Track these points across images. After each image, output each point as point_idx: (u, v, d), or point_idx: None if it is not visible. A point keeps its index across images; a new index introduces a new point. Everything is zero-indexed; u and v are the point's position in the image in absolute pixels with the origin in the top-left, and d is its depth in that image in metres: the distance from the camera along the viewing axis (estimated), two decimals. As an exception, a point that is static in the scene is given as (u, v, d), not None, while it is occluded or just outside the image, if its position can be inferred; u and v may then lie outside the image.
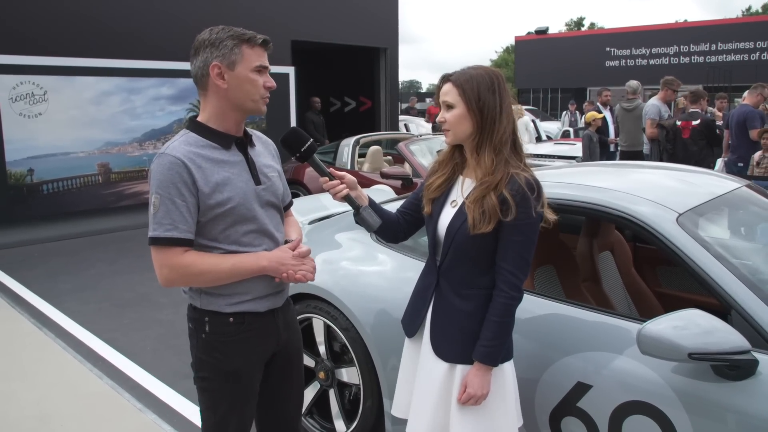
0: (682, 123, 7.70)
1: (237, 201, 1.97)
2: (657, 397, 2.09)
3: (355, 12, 13.33)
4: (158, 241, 1.89)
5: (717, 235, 2.57)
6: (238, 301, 2.01)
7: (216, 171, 1.95)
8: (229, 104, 1.98)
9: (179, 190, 1.88)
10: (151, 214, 1.90)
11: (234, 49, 1.93)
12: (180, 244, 1.90)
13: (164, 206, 1.88)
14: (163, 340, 4.66)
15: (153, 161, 1.94)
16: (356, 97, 15.50)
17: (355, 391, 3.07)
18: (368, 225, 2.19)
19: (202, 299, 2.02)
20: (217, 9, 10.33)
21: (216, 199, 1.93)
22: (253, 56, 1.96)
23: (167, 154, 1.91)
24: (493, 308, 2.03)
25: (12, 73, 7.76)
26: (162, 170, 1.89)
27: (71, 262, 6.95)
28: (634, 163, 4.74)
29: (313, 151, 2.10)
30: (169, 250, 1.89)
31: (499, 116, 2.03)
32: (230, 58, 1.93)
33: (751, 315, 2.05)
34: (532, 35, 33.21)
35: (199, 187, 1.91)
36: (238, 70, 1.94)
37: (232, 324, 2.02)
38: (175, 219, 1.88)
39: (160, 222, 1.88)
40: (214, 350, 2.03)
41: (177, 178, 1.88)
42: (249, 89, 1.97)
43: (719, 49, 26.04)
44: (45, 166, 8.17)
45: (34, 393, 3.79)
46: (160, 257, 1.91)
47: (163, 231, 1.88)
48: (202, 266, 1.92)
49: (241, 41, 1.94)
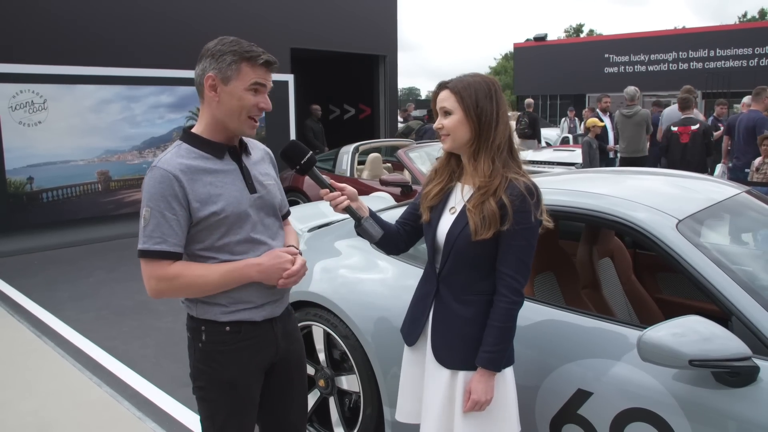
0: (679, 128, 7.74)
1: (230, 210, 1.96)
2: (658, 405, 2.08)
3: (355, 20, 13.38)
4: (147, 254, 1.90)
5: (717, 241, 2.57)
6: (234, 310, 2.00)
7: (208, 181, 1.94)
8: (216, 118, 1.98)
9: (170, 203, 1.89)
10: (141, 226, 1.91)
11: (232, 65, 1.91)
12: (168, 257, 1.91)
13: (154, 219, 1.89)
14: (163, 348, 4.65)
15: (146, 173, 1.94)
16: (355, 105, 15.54)
17: (355, 399, 3.07)
18: (370, 236, 2.19)
19: (198, 308, 2.01)
20: (217, 17, 10.36)
21: (209, 209, 1.93)
22: (250, 74, 1.93)
23: (159, 168, 1.91)
24: (494, 313, 2.03)
25: (12, 82, 7.78)
26: (153, 183, 1.90)
27: (70, 270, 6.94)
28: (633, 169, 4.75)
29: (312, 163, 2.10)
30: (157, 263, 1.90)
31: (496, 123, 2.05)
32: (226, 73, 1.91)
33: (752, 321, 2.04)
34: (531, 42, 33.26)
35: (190, 200, 1.91)
36: (232, 86, 1.92)
37: (228, 333, 2.01)
38: (165, 232, 1.89)
39: (150, 235, 1.89)
40: (210, 360, 2.02)
41: (168, 191, 1.89)
42: (236, 106, 1.93)
43: (718, 55, 26.06)
44: (45, 175, 8.18)
45: (33, 401, 3.78)
46: (148, 269, 1.92)
47: (153, 244, 1.89)
48: (189, 277, 1.92)
49: (242, 58, 1.91)
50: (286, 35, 11.51)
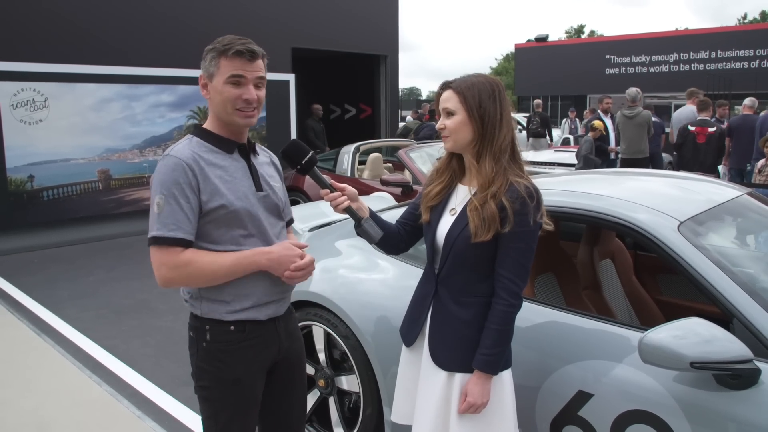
0: (697, 129, 7.77)
1: (238, 205, 1.97)
2: (659, 406, 2.08)
3: (356, 19, 13.38)
4: (160, 240, 1.89)
5: (719, 243, 2.56)
6: (239, 309, 2.00)
7: (218, 174, 1.96)
8: (216, 114, 2.03)
9: (183, 190, 1.90)
10: (154, 213, 1.90)
11: (212, 62, 1.96)
12: (181, 244, 1.90)
13: (169, 206, 1.89)
14: (163, 347, 4.65)
15: (158, 162, 1.95)
16: (356, 105, 15.55)
17: (355, 399, 3.06)
18: (370, 237, 2.19)
19: (203, 307, 2.01)
20: (218, 16, 10.36)
21: (218, 201, 1.94)
22: (228, 67, 1.94)
23: (172, 156, 1.93)
24: (492, 316, 2.02)
25: (13, 80, 7.78)
26: (167, 171, 1.91)
27: (71, 269, 6.94)
28: (634, 171, 4.74)
29: (313, 163, 2.10)
30: (170, 250, 1.89)
31: (500, 124, 2.04)
32: (210, 70, 1.98)
33: (753, 324, 2.04)
34: (532, 43, 33.29)
35: (201, 190, 1.92)
36: (215, 82, 1.97)
37: (233, 332, 2.01)
38: (179, 219, 1.89)
39: (164, 222, 1.89)
40: (214, 359, 2.02)
41: (182, 178, 1.90)
42: (220, 101, 1.97)
43: (719, 56, 26.08)
44: (45, 173, 8.18)
45: (32, 400, 3.78)
46: (160, 256, 1.90)
47: (167, 231, 1.88)
48: (201, 263, 1.91)
49: (219, 53, 1.95)
50: (287, 35, 11.51)
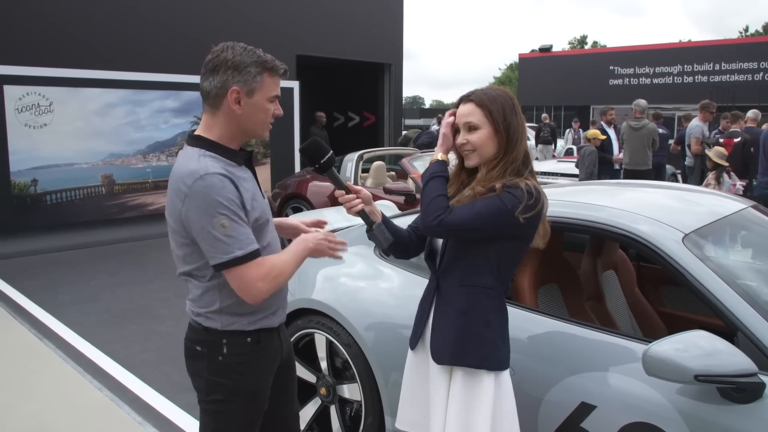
0: (724, 140, 8.11)
1: (266, 217, 2.00)
2: (662, 419, 2.07)
3: (360, 28, 13.42)
4: (243, 259, 1.83)
5: (723, 256, 2.56)
6: (259, 318, 2.01)
7: (246, 187, 1.94)
8: (238, 128, 1.97)
9: (238, 205, 1.86)
10: (222, 235, 1.81)
11: (257, 77, 1.91)
12: (258, 255, 1.88)
13: (235, 224, 1.83)
14: (164, 353, 4.64)
15: (194, 183, 1.81)
16: (360, 112, 15.57)
17: (357, 408, 3.05)
18: (379, 243, 2.19)
19: (223, 320, 1.97)
20: (223, 23, 10.40)
21: (255, 213, 1.94)
22: (272, 85, 1.95)
23: (212, 174, 1.82)
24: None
25: (18, 84, 7.80)
26: (216, 190, 1.81)
27: (72, 273, 6.94)
28: (638, 182, 4.74)
29: (332, 163, 2.13)
30: (254, 264, 1.86)
31: (521, 137, 2.07)
32: (251, 85, 1.91)
33: (758, 337, 2.03)
34: (536, 53, 33.34)
35: (244, 202, 1.90)
36: (256, 98, 1.93)
37: (249, 344, 2.00)
38: (247, 233, 1.87)
39: (239, 239, 1.83)
40: (233, 372, 1.99)
41: (232, 194, 1.85)
42: (262, 117, 1.97)
43: (723, 69, 26.09)
44: (49, 177, 8.19)
45: (32, 404, 3.77)
46: (250, 273, 1.85)
47: (247, 247, 1.84)
48: (279, 265, 1.92)
49: (264, 69, 1.92)
50: (292, 42, 11.55)
